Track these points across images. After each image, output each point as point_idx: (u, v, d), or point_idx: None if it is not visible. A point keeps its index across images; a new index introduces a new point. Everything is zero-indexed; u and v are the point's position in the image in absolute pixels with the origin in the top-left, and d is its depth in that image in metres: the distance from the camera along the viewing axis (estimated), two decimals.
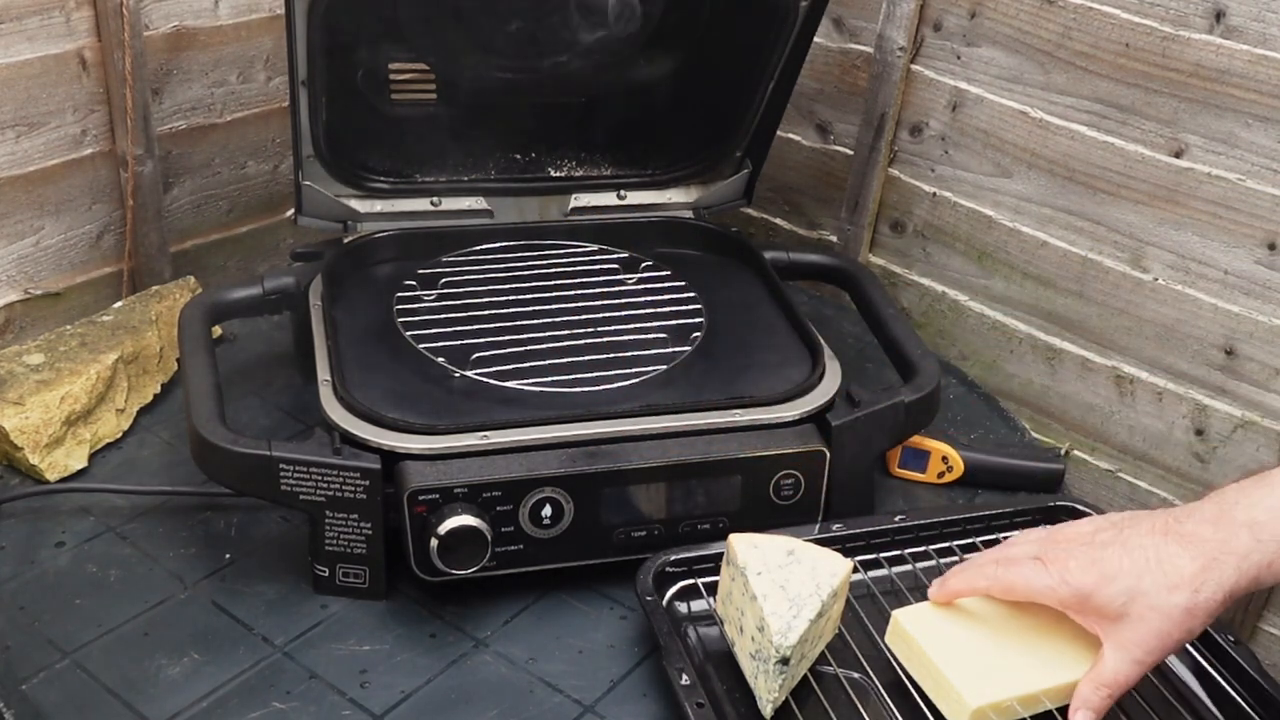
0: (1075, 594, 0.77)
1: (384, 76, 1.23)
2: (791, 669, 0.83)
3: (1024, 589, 0.80)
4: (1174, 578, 0.73)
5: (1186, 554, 0.73)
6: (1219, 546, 0.73)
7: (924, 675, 0.85)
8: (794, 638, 0.81)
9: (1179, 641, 0.74)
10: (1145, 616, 0.74)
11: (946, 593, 0.86)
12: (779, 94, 1.23)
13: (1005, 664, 0.82)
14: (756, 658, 0.83)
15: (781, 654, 0.81)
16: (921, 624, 0.86)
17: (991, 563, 0.83)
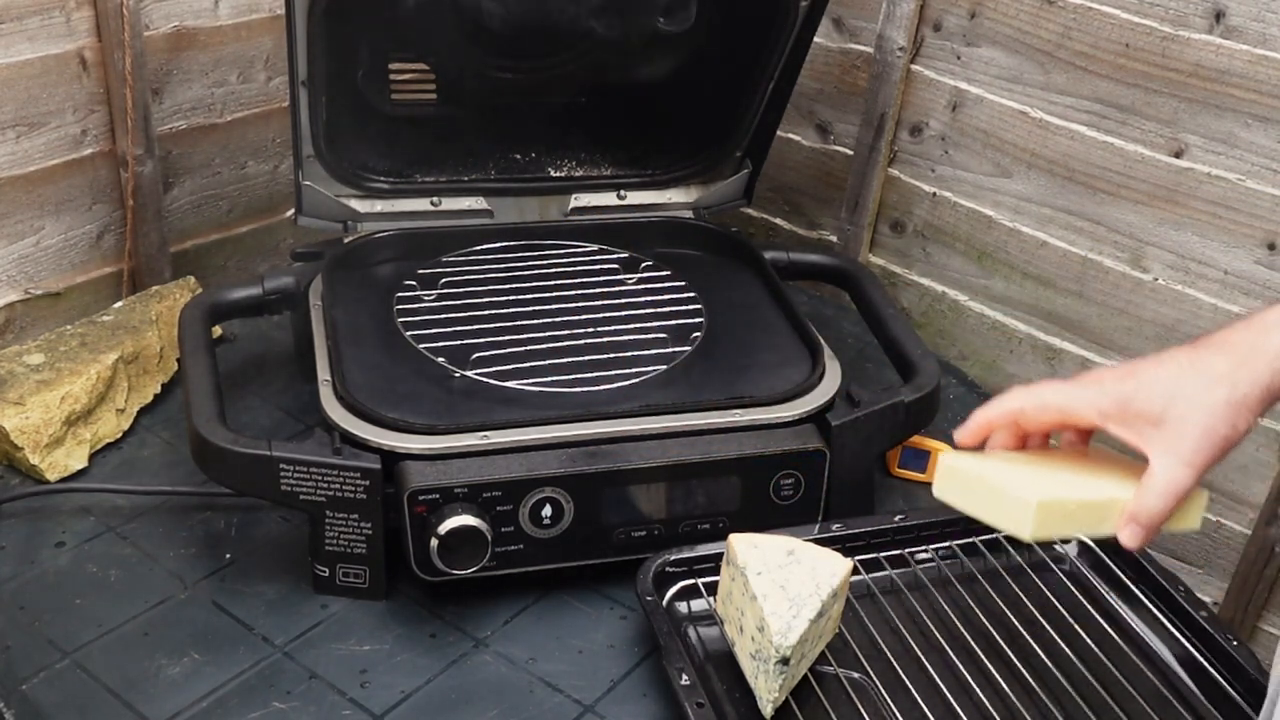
0: (1115, 400, 0.74)
1: (384, 76, 1.23)
2: (791, 669, 0.83)
3: (1061, 402, 0.77)
4: (1210, 375, 0.71)
5: (1219, 356, 0.72)
6: (1250, 348, 0.72)
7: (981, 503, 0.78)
8: (794, 638, 0.81)
9: (1226, 439, 0.71)
10: (1188, 415, 0.72)
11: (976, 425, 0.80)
12: (779, 94, 1.23)
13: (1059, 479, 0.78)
14: (756, 658, 0.83)
15: (781, 654, 0.81)
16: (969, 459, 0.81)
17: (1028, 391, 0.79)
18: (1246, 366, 0.71)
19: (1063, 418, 0.78)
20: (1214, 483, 1.27)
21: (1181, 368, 0.73)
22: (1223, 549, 1.28)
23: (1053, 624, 0.94)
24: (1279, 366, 0.71)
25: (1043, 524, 0.75)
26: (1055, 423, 0.78)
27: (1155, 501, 0.74)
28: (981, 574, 0.99)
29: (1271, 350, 0.71)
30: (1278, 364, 0.71)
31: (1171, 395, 0.73)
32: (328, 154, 1.14)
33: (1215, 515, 1.28)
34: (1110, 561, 1.00)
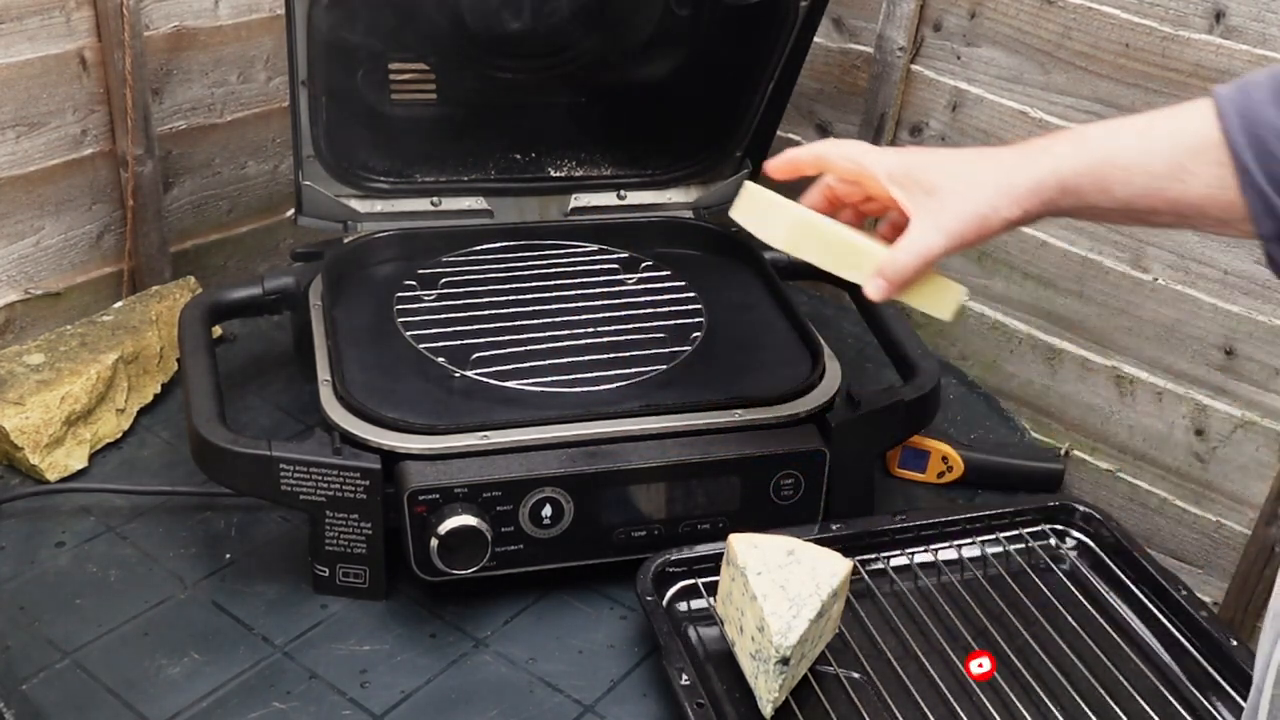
0: (903, 166, 0.79)
1: (384, 76, 1.23)
2: (791, 669, 0.83)
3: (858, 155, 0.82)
4: (992, 162, 0.77)
5: (1010, 151, 0.77)
6: (1040, 149, 0.76)
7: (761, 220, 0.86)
8: (794, 638, 0.81)
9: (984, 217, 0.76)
10: (956, 189, 0.77)
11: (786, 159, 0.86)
12: (779, 94, 1.23)
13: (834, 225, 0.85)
14: (756, 658, 0.83)
15: (781, 654, 0.81)
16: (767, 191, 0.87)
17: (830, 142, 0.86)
18: (1027, 161, 0.76)
19: (857, 169, 0.82)
20: (1214, 482, 1.27)
21: (974, 156, 0.79)
22: (1223, 549, 1.28)
23: (1053, 624, 0.94)
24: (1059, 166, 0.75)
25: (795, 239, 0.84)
26: (851, 172, 0.83)
27: (903, 258, 0.80)
28: (981, 574, 0.99)
29: (1056, 152, 0.75)
30: (1059, 164, 0.75)
31: (952, 173, 0.78)
32: (328, 154, 1.14)
33: (1215, 515, 1.28)
34: (1110, 561, 1.00)
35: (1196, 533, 1.30)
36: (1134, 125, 0.75)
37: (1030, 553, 1.02)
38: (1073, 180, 0.75)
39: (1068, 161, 0.75)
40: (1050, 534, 1.03)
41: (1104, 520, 1.02)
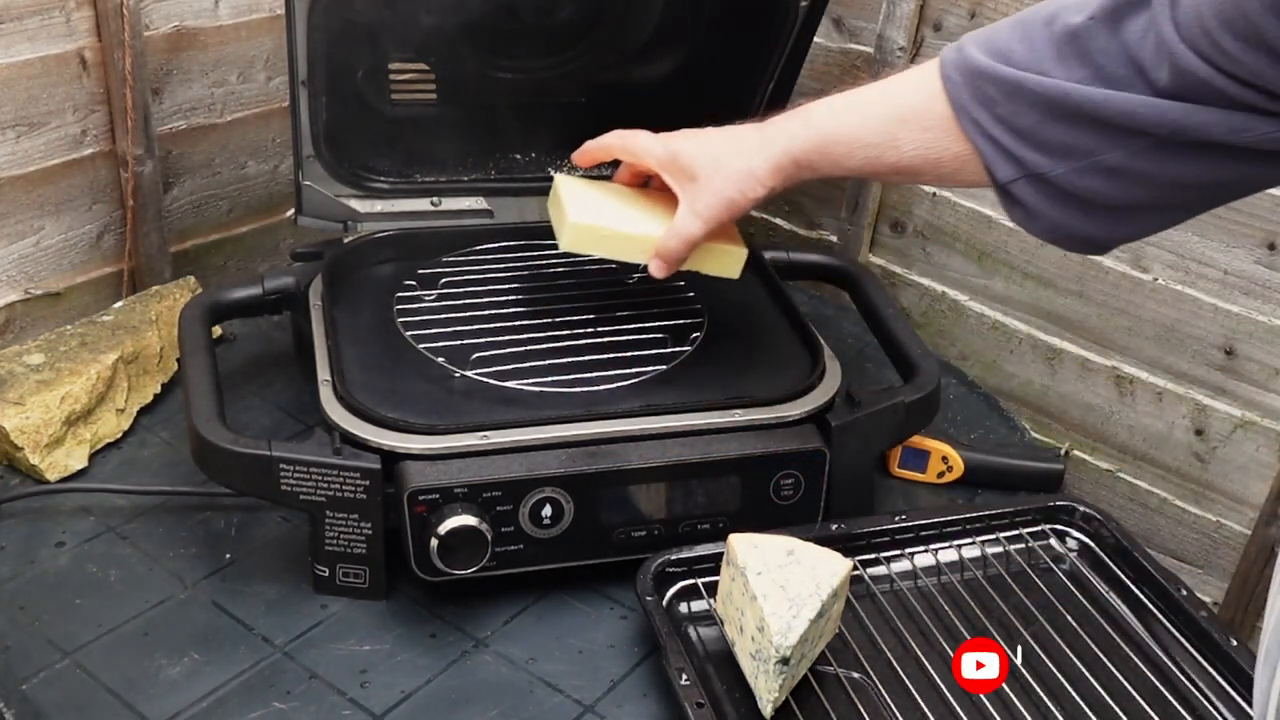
0: (669, 153, 0.93)
1: (384, 76, 1.23)
2: (791, 669, 0.83)
3: (636, 147, 0.97)
4: (738, 147, 0.89)
5: (753, 133, 0.89)
6: (777, 129, 0.88)
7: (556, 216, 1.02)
8: (794, 638, 0.81)
9: (733, 201, 0.90)
10: (711, 177, 0.90)
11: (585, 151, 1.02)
12: (779, 94, 1.23)
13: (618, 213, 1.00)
14: (756, 658, 0.83)
15: (781, 654, 0.81)
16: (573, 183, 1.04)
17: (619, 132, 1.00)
18: (767, 146, 0.88)
19: (634, 159, 0.99)
20: (1214, 482, 1.27)
21: (725, 139, 0.91)
22: (1223, 549, 1.28)
23: (1053, 624, 0.94)
24: (791, 146, 0.87)
25: (578, 241, 0.99)
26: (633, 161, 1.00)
27: (671, 243, 0.94)
28: (981, 574, 0.99)
29: (789, 132, 0.88)
30: (791, 144, 0.87)
31: (707, 160, 0.91)
32: (328, 154, 1.14)
33: (1215, 515, 1.28)
34: (1110, 561, 1.00)
35: (1196, 533, 1.30)
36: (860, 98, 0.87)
37: (1030, 553, 1.02)
38: (804, 157, 0.88)
39: (798, 141, 0.87)
40: (1050, 534, 1.03)
41: (1104, 520, 1.02)
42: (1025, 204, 0.77)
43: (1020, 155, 0.75)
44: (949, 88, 0.79)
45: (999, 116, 0.76)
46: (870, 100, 0.86)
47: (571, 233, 0.99)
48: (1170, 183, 0.72)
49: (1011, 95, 0.75)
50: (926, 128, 0.80)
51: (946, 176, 0.82)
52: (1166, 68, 0.67)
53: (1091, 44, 0.71)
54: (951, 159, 0.80)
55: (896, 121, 0.82)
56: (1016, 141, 0.75)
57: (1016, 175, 0.76)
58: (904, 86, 0.83)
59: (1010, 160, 0.76)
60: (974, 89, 0.77)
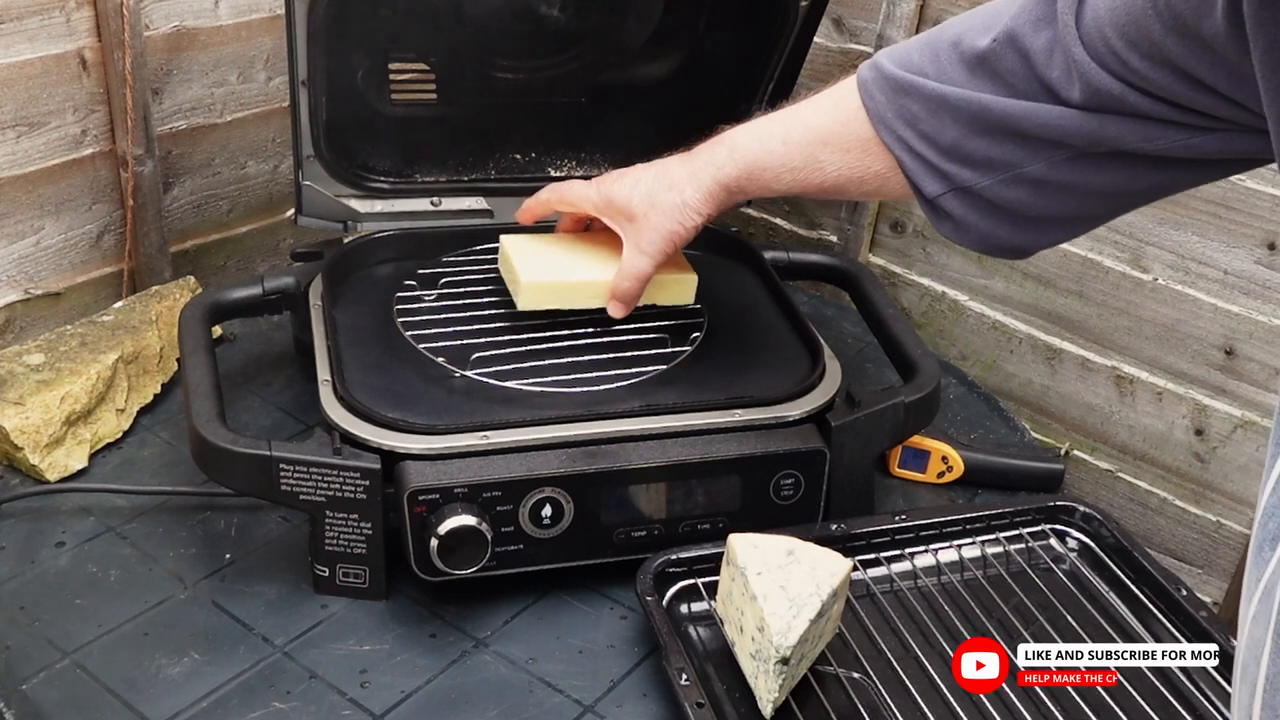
0: (604, 198, 0.97)
1: (384, 76, 1.23)
2: (791, 669, 0.83)
3: (572, 197, 1.01)
4: (666, 181, 0.93)
5: (682, 166, 0.93)
6: (704, 159, 0.91)
7: (508, 275, 1.06)
8: (794, 638, 0.81)
9: (674, 234, 0.94)
10: (649, 215, 0.94)
11: (527, 209, 1.06)
12: (779, 94, 1.23)
13: (568, 262, 1.04)
14: (756, 658, 0.83)
15: (781, 654, 0.81)
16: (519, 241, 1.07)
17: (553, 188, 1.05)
18: (696, 177, 0.91)
19: (572, 208, 1.03)
20: (1214, 482, 1.27)
21: (655, 175, 0.94)
22: (1223, 549, 1.28)
23: (1053, 624, 0.94)
24: (719, 175, 0.90)
25: (535, 299, 1.03)
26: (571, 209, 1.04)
27: (625, 283, 0.98)
28: (981, 574, 0.99)
29: (716, 162, 0.91)
30: (719, 174, 0.90)
31: (644, 197, 0.94)
32: (328, 154, 1.14)
33: (1215, 515, 1.28)
34: (1110, 561, 1.00)
35: (1196, 533, 1.30)
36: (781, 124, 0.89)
37: (1030, 553, 1.02)
38: (734, 184, 0.91)
39: (725, 170, 0.90)
40: (1050, 534, 1.03)
41: (1104, 520, 1.02)
42: (954, 216, 0.78)
43: (945, 169, 0.77)
44: (870, 106, 0.80)
45: (923, 133, 0.77)
46: (791, 125, 0.88)
47: (527, 292, 1.03)
48: (1091, 191, 0.74)
49: (934, 110, 0.76)
50: (848, 148, 0.83)
51: (871, 193, 0.86)
52: (1078, 85, 0.69)
53: (999, 65, 0.73)
54: (874, 176, 0.83)
55: (818, 144, 0.85)
56: (941, 156, 0.77)
57: (943, 189, 0.78)
58: (822, 109, 0.86)
59: (936, 175, 0.77)
60: (897, 105, 0.79)
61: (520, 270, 1.03)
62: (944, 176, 0.77)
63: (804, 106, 0.88)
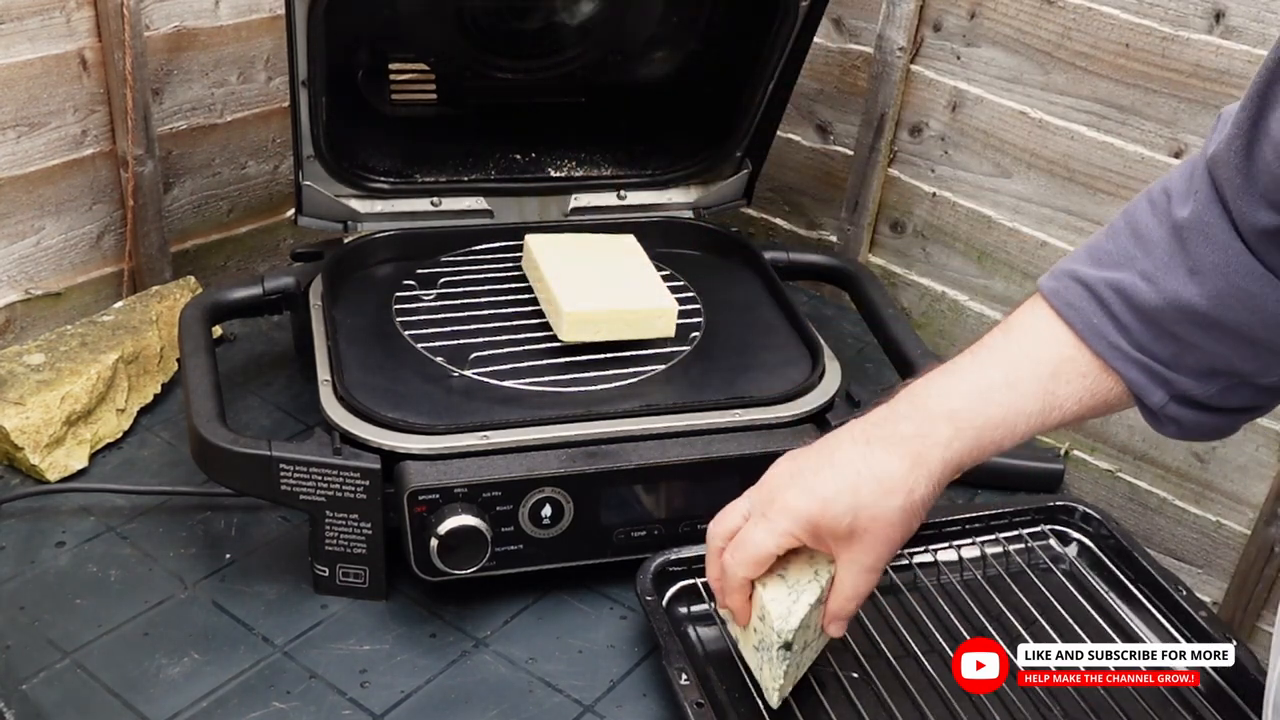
0: (806, 529, 0.76)
1: (384, 76, 1.23)
2: (795, 657, 0.82)
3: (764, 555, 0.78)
4: (887, 484, 0.74)
5: (893, 457, 0.74)
6: (921, 442, 0.74)
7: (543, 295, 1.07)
8: (795, 621, 0.80)
9: (902, 540, 0.76)
10: (869, 529, 0.75)
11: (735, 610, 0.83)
12: (779, 94, 1.23)
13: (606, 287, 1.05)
14: (760, 648, 0.83)
15: (784, 639, 0.80)
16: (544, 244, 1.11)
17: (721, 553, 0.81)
18: (921, 467, 0.74)
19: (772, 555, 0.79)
20: (1214, 482, 1.27)
21: (860, 477, 0.74)
22: (1223, 549, 1.28)
23: (1052, 624, 0.94)
24: (949, 457, 0.74)
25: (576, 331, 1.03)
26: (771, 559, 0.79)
27: (849, 605, 0.79)
28: (981, 574, 0.99)
29: (942, 441, 0.74)
30: (948, 454, 0.74)
31: (854, 511, 0.74)
32: (328, 154, 1.14)
33: (1215, 515, 1.28)
34: (1110, 561, 1.00)
35: (1196, 533, 1.30)
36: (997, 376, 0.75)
37: (1030, 553, 1.02)
38: (966, 460, 0.75)
39: (954, 449, 0.74)
40: (1050, 534, 1.03)
41: (1104, 520, 1.02)
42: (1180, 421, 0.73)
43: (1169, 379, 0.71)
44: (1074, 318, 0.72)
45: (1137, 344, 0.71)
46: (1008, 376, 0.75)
47: (569, 323, 1.02)
48: None
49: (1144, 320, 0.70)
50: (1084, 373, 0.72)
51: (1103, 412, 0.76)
52: None
53: None
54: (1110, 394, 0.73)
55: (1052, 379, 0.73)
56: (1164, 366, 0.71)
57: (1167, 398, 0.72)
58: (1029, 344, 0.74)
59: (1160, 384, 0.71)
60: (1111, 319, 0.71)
61: (561, 298, 1.03)
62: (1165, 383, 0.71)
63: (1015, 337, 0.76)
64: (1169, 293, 0.68)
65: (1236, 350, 0.68)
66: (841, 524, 0.75)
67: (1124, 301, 0.70)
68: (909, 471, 0.74)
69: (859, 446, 0.76)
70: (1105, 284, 0.71)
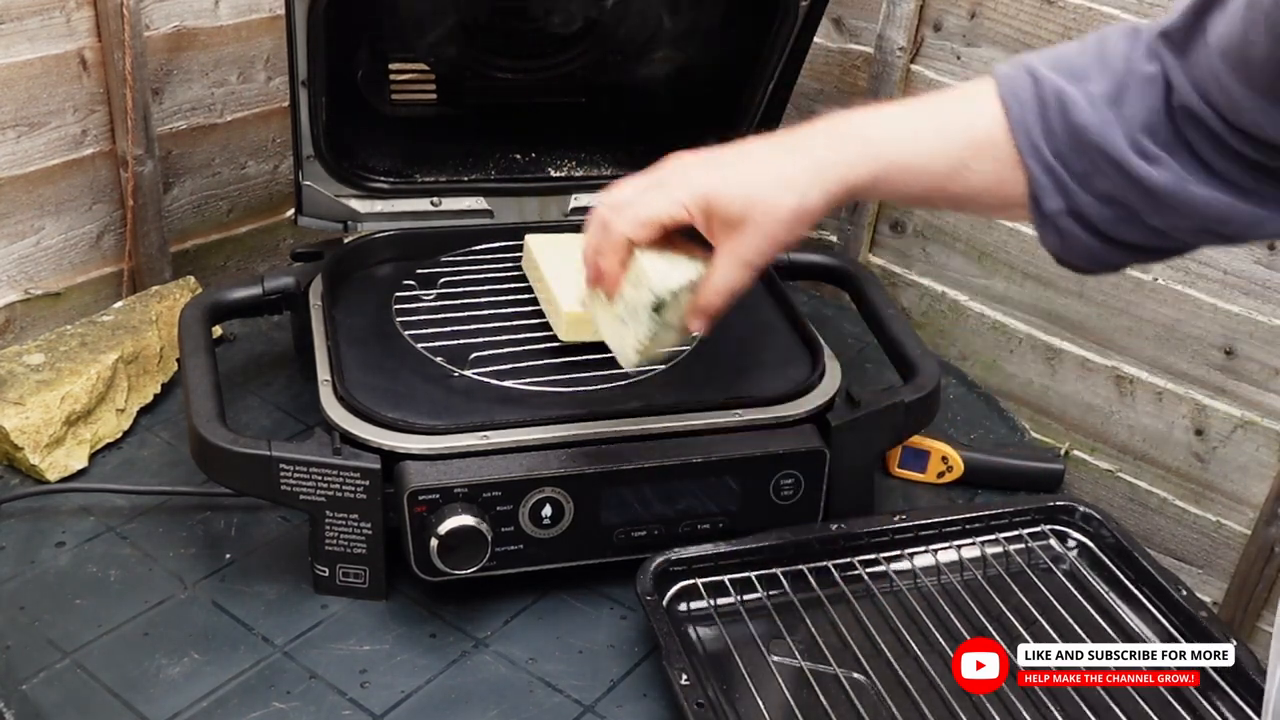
0: (700, 202, 0.77)
1: (384, 76, 1.23)
2: (661, 326, 0.80)
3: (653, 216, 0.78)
4: (786, 182, 0.75)
5: (799, 162, 0.75)
6: (829, 157, 0.75)
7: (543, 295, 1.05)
8: (673, 284, 0.78)
9: (784, 244, 0.77)
10: (758, 220, 0.76)
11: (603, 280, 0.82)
12: (779, 94, 1.23)
13: None
14: (626, 316, 0.81)
15: (659, 298, 0.78)
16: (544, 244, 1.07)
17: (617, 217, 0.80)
18: (820, 179, 0.75)
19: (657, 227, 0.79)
20: (1214, 482, 1.27)
21: (758, 169, 0.76)
22: (1223, 549, 1.28)
23: (1053, 624, 0.94)
24: (849, 176, 0.75)
25: (577, 331, 0.99)
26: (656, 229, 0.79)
27: (716, 299, 0.79)
28: (981, 574, 0.99)
29: (847, 160, 0.75)
30: (849, 173, 0.75)
31: (749, 197, 0.76)
32: (328, 154, 1.14)
33: (1215, 515, 1.28)
34: (1110, 561, 1.00)
35: (1196, 533, 1.30)
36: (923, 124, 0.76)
37: (1030, 553, 1.02)
38: (861, 187, 0.76)
39: (858, 170, 0.75)
40: (1050, 534, 1.03)
41: (1104, 520, 1.02)
42: (1065, 234, 0.75)
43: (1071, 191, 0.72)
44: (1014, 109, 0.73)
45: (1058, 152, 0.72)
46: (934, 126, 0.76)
47: (569, 328, 1.01)
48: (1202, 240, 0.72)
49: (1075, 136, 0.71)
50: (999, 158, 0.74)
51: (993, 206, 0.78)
52: None
53: None
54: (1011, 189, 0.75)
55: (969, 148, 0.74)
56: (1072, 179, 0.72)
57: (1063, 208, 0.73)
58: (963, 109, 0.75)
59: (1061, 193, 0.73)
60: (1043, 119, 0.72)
61: (559, 296, 1.01)
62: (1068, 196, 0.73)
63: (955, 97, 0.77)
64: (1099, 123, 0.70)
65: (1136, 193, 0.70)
66: (734, 207, 0.76)
67: (1062, 112, 0.71)
68: (809, 178, 0.75)
69: (772, 149, 0.77)
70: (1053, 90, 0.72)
